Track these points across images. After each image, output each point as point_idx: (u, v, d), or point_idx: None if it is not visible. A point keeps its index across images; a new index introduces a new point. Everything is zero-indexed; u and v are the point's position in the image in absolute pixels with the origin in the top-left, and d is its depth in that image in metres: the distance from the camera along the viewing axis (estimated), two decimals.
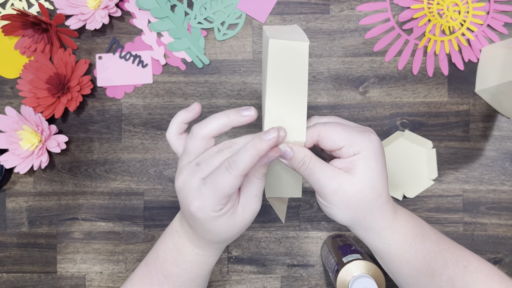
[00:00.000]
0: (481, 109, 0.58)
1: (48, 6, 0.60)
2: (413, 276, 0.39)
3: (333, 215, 0.37)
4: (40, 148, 0.56)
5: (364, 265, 0.46)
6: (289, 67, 0.36)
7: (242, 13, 0.59)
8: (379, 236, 0.38)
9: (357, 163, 0.35)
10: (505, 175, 0.58)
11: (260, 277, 0.59)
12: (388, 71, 0.58)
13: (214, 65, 0.59)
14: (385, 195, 0.37)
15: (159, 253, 0.41)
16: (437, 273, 0.38)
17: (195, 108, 0.38)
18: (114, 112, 0.60)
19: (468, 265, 0.39)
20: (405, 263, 0.38)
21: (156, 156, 0.60)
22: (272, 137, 0.33)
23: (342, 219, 0.37)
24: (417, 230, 0.39)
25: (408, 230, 0.39)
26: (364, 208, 0.36)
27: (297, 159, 0.36)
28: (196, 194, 0.34)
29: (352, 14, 0.58)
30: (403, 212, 0.40)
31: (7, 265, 0.61)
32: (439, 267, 0.39)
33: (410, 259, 0.38)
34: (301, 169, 0.36)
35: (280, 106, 0.36)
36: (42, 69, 0.57)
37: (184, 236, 0.40)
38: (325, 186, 0.35)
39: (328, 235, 0.59)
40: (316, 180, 0.36)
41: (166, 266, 0.40)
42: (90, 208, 0.60)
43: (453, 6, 0.57)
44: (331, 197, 0.36)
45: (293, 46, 0.36)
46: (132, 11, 0.59)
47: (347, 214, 0.36)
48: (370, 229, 0.38)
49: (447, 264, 0.39)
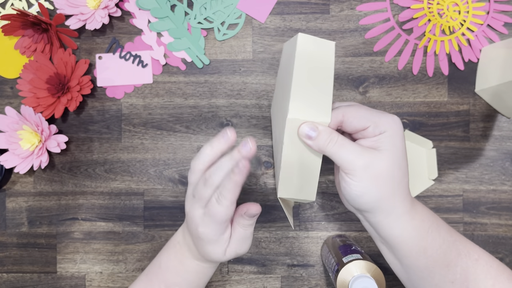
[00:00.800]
0: (481, 109, 0.58)
1: (48, 6, 0.60)
2: (429, 268, 0.38)
3: (359, 196, 0.36)
4: (40, 148, 0.56)
5: (364, 265, 0.46)
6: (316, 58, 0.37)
7: (242, 13, 0.59)
8: (399, 221, 0.37)
9: (384, 141, 0.35)
10: (505, 175, 0.58)
11: (260, 277, 0.59)
12: (388, 71, 0.58)
13: (214, 65, 0.59)
14: (407, 177, 0.37)
15: (161, 264, 0.43)
16: (452, 264, 0.37)
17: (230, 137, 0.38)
18: (114, 112, 0.60)
19: (480, 258, 0.38)
20: (422, 253, 0.37)
21: (156, 156, 0.60)
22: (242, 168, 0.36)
23: (369, 200, 0.36)
24: (432, 219, 0.39)
25: (425, 218, 0.38)
26: (391, 187, 0.36)
27: (324, 136, 0.35)
28: (200, 221, 0.39)
29: (352, 14, 0.58)
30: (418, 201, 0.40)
31: (7, 265, 0.61)
32: (453, 258, 0.38)
33: (427, 248, 0.37)
34: (328, 146, 0.35)
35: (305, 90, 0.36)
36: (42, 69, 0.57)
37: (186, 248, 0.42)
38: (355, 162, 0.35)
39: (328, 235, 0.59)
40: (346, 156, 0.35)
41: (168, 276, 0.42)
42: (90, 208, 0.60)
43: (453, 6, 0.57)
44: (362, 172, 0.35)
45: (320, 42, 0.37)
46: (132, 11, 0.59)
47: (374, 193, 0.36)
48: (392, 212, 0.37)
49: (460, 256, 0.38)
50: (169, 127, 0.59)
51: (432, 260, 0.37)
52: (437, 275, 0.38)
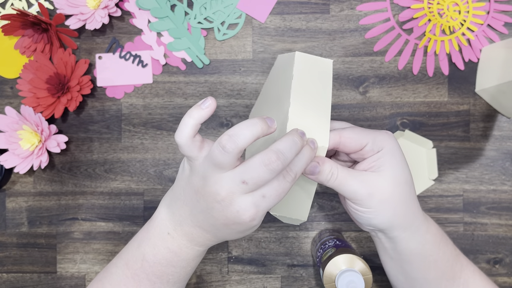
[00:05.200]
0: (481, 109, 0.58)
1: (48, 6, 0.60)
2: (437, 280, 0.38)
3: (372, 219, 0.36)
4: (40, 148, 0.56)
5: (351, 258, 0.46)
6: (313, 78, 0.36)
7: (242, 13, 0.59)
8: (416, 234, 0.37)
9: (384, 159, 0.35)
10: (506, 175, 0.58)
11: (260, 277, 0.59)
12: (388, 71, 0.58)
13: (214, 65, 0.59)
14: (414, 188, 0.37)
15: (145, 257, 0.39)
16: (456, 276, 0.39)
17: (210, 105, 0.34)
18: (114, 112, 0.60)
19: (475, 270, 0.40)
20: (433, 265, 0.38)
21: (156, 156, 0.60)
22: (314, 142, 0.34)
23: (382, 221, 0.36)
24: (441, 232, 0.39)
25: (436, 231, 0.39)
26: (401, 204, 0.36)
27: (325, 171, 0.35)
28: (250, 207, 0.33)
29: (352, 14, 0.58)
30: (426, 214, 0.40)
31: (7, 265, 0.61)
32: (458, 270, 0.39)
33: (438, 261, 0.38)
34: (330, 181, 0.35)
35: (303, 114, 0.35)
36: (42, 69, 0.57)
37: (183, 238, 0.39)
38: (359, 192, 0.35)
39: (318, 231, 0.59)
40: (348, 188, 0.35)
41: (159, 268, 0.39)
42: (90, 208, 0.60)
43: (453, 6, 0.57)
44: (368, 201, 0.35)
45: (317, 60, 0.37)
46: (132, 11, 0.59)
47: (387, 215, 0.36)
48: (410, 227, 0.37)
49: (463, 267, 0.39)
50: (169, 127, 0.59)
51: (441, 272, 0.38)
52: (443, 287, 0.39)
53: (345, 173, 0.35)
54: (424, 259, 0.38)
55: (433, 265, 0.38)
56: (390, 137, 0.37)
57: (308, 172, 0.35)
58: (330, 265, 0.46)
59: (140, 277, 0.39)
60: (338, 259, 0.46)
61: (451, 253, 0.39)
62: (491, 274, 0.58)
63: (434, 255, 0.38)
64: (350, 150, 0.36)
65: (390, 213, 0.36)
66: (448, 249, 0.39)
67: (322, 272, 0.47)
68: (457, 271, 0.39)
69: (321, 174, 0.35)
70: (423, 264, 0.38)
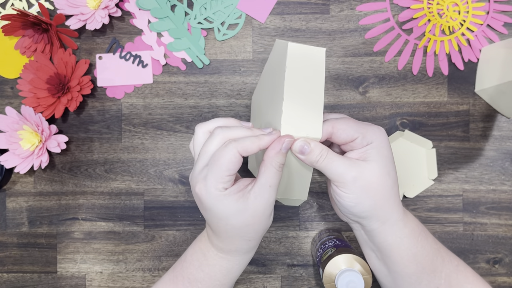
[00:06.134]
0: (481, 109, 0.58)
1: (48, 6, 0.60)
2: (417, 274, 0.39)
3: (353, 207, 0.37)
4: (40, 148, 0.56)
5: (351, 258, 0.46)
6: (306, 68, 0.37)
7: (242, 13, 0.59)
8: (393, 228, 0.38)
9: (371, 151, 0.37)
10: (505, 175, 0.58)
11: (260, 277, 0.59)
12: (388, 71, 0.58)
13: (214, 65, 0.59)
14: (397, 185, 0.39)
15: (186, 257, 0.42)
16: (437, 270, 0.39)
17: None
18: (114, 112, 0.60)
19: (459, 264, 0.41)
20: (412, 260, 0.39)
21: (156, 156, 0.60)
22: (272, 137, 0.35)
23: (363, 209, 0.37)
24: (420, 227, 0.40)
25: (415, 226, 0.40)
26: (382, 195, 0.37)
27: (315, 153, 0.37)
28: (199, 178, 0.35)
29: (352, 14, 0.58)
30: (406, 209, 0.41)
31: (7, 265, 0.61)
32: (439, 264, 0.40)
33: (417, 254, 0.39)
34: (319, 162, 0.37)
35: (296, 105, 0.36)
36: (42, 69, 0.57)
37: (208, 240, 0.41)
38: (345, 174, 0.36)
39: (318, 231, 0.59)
40: (335, 170, 0.36)
41: (192, 271, 0.41)
42: (90, 208, 0.60)
43: (453, 6, 0.58)
44: (351, 184, 0.36)
45: (310, 50, 0.37)
46: (132, 11, 0.59)
47: (367, 203, 0.37)
48: (387, 220, 0.38)
49: (444, 262, 0.40)
50: (169, 127, 0.60)
51: (421, 266, 0.39)
52: (424, 281, 0.40)
53: (333, 155, 0.37)
54: (402, 253, 0.39)
55: (412, 259, 0.39)
56: (381, 132, 0.38)
57: (299, 152, 0.37)
58: (330, 265, 0.46)
59: (178, 279, 0.41)
60: (338, 259, 0.46)
61: (431, 247, 0.40)
62: (490, 274, 0.58)
63: (412, 249, 0.39)
64: (342, 141, 0.38)
65: (371, 202, 0.37)
66: (428, 243, 0.40)
67: (322, 272, 0.47)
68: (438, 265, 0.40)
69: (310, 154, 0.37)
70: (401, 258, 0.39)
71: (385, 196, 0.37)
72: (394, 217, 0.38)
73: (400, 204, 0.39)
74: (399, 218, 0.39)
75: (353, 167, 0.36)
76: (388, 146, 0.38)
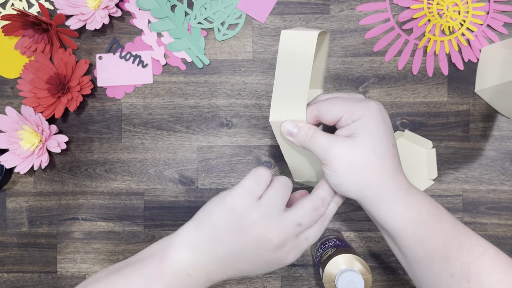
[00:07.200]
0: (481, 109, 0.58)
1: (48, 6, 0.60)
2: (427, 258, 0.37)
3: (339, 184, 0.37)
4: (40, 148, 0.56)
5: (351, 258, 0.46)
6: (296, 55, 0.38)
7: (242, 13, 0.59)
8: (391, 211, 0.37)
9: (357, 128, 0.36)
10: (505, 175, 0.58)
11: (260, 277, 0.59)
12: (388, 71, 0.58)
13: (214, 65, 0.59)
14: (392, 163, 0.37)
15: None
16: (452, 257, 0.37)
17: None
18: (114, 112, 0.60)
19: (485, 253, 0.37)
20: (419, 244, 0.37)
21: (156, 156, 0.60)
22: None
23: (347, 187, 0.37)
24: (433, 211, 0.38)
25: (423, 210, 0.37)
26: (367, 173, 0.36)
27: (302, 133, 0.37)
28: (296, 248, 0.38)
29: (352, 14, 0.58)
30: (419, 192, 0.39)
31: (7, 265, 0.61)
32: (454, 251, 0.37)
33: (424, 240, 0.37)
34: (305, 141, 0.38)
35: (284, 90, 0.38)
36: (42, 69, 0.57)
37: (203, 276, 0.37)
38: (328, 152, 0.36)
39: None
40: (319, 147, 0.37)
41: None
42: (90, 208, 0.60)
43: (453, 6, 0.58)
44: (335, 161, 0.36)
45: (303, 34, 0.38)
46: (132, 11, 0.59)
47: (352, 181, 0.36)
48: (382, 200, 0.37)
49: (462, 250, 0.37)
50: (169, 127, 0.60)
51: (429, 252, 0.37)
52: (436, 267, 0.37)
53: (319, 134, 0.37)
54: (408, 237, 0.37)
55: (419, 244, 0.37)
56: (372, 108, 0.37)
57: (287, 134, 0.38)
58: (330, 265, 0.46)
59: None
60: (338, 259, 0.46)
61: (446, 233, 0.37)
62: None
63: (418, 233, 0.37)
64: (329, 122, 0.38)
65: (355, 180, 0.36)
66: (442, 228, 0.37)
67: (322, 272, 0.47)
68: (453, 252, 0.37)
69: (298, 135, 0.38)
70: (407, 242, 0.37)
71: (371, 175, 0.36)
72: (390, 197, 0.36)
73: (402, 185, 0.37)
74: (397, 199, 0.37)
75: (336, 143, 0.36)
76: (379, 122, 0.36)
